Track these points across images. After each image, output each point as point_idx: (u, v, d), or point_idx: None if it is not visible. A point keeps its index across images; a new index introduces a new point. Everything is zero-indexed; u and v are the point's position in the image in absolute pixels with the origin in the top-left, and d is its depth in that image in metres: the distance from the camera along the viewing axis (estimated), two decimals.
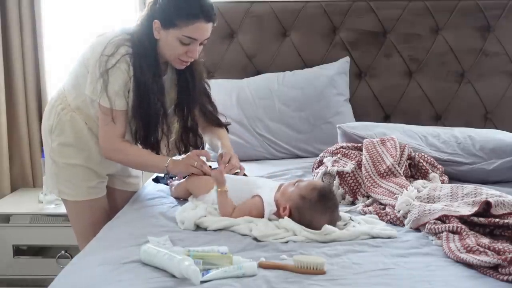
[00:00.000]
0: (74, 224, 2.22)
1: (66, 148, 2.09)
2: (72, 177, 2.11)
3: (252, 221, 1.73)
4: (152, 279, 1.37)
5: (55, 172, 2.12)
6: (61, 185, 2.13)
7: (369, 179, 2.07)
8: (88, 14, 3.12)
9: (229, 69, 3.02)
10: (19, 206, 2.85)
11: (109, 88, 1.94)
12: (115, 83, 1.94)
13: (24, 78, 3.05)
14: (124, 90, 1.97)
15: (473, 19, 3.03)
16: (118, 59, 1.93)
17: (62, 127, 2.08)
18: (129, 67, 1.95)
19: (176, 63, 2.02)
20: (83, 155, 2.09)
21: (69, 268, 1.54)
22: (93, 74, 1.96)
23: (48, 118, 2.12)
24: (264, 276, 1.39)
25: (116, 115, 1.97)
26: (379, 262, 1.49)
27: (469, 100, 3.08)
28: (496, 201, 1.71)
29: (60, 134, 2.09)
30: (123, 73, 1.95)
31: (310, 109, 2.84)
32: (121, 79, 1.95)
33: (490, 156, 2.33)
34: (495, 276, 1.40)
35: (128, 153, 2.03)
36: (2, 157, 3.03)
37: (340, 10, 3.02)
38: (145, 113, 1.99)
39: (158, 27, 1.95)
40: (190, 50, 1.97)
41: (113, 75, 1.94)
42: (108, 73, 1.93)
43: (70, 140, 2.08)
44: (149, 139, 2.03)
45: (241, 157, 2.71)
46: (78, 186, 2.11)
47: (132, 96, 1.97)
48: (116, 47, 1.95)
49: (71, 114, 2.07)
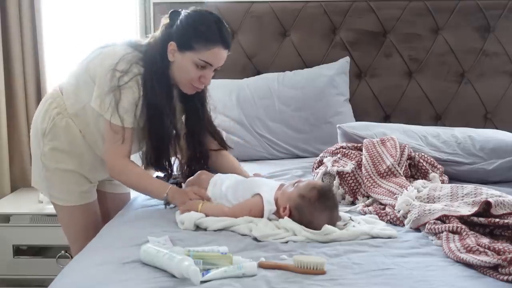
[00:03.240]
0: (66, 229, 2.19)
1: (58, 153, 2.04)
2: (64, 182, 2.07)
3: (252, 221, 1.73)
4: (152, 279, 1.37)
5: (46, 176, 2.08)
6: (52, 189, 2.09)
7: (369, 179, 2.07)
8: (88, 14, 3.12)
9: (229, 69, 3.00)
10: (19, 206, 2.85)
11: (120, 106, 1.89)
12: (125, 101, 1.90)
13: (24, 78, 3.05)
14: (133, 108, 1.92)
15: (473, 19, 3.04)
16: (131, 77, 1.90)
17: (56, 132, 2.03)
18: (139, 87, 1.91)
19: (187, 88, 1.98)
20: (75, 161, 2.05)
21: (69, 268, 1.54)
22: (102, 88, 1.91)
23: (42, 121, 2.06)
24: (264, 276, 1.39)
25: (125, 133, 1.93)
26: (379, 262, 1.49)
27: (469, 100, 3.08)
28: (496, 201, 1.71)
29: (53, 139, 2.04)
30: (133, 93, 1.91)
31: (310, 109, 2.84)
32: (132, 97, 1.91)
33: (490, 156, 2.33)
34: (495, 276, 1.40)
35: (131, 174, 1.97)
36: (2, 157, 3.02)
37: (340, 10, 3.03)
38: (157, 135, 1.96)
39: (174, 49, 1.92)
40: (204, 75, 1.94)
41: (125, 93, 1.90)
42: (120, 90, 1.89)
43: (63, 146, 2.03)
44: (161, 161, 2.01)
45: (241, 157, 2.73)
46: (70, 191, 2.08)
47: (144, 118, 1.93)
48: (129, 64, 1.90)
49: (67, 120, 2.03)
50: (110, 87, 1.89)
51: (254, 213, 1.77)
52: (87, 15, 3.12)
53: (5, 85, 3.02)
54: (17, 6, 2.99)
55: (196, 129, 2.11)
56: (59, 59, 3.13)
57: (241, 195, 1.86)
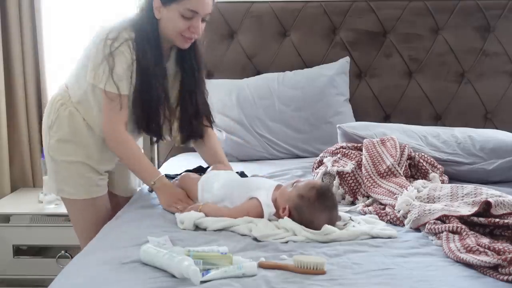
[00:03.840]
0: (75, 224, 2.20)
1: (64, 144, 2.07)
2: (72, 175, 2.08)
3: (252, 221, 1.73)
4: (152, 279, 1.37)
5: (54, 170, 2.10)
6: (60, 183, 2.11)
7: (369, 179, 2.07)
8: (88, 14, 3.12)
9: (229, 69, 3.02)
10: (19, 206, 2.85)
11: (114, 72, 1.93)
12: (119, 67, 1.93)
13: (24, 78, 3.05)
14: (128, 74, 1.95)
15: (473, 19, 3.03)
16: (122, 42, 1.93)
17: (60, 122, 2.07)
18: (131, 51, 1.94)
19: (180, 41, 2.00)
20: (81, 152, 2.07)
21: (69, 268, 1.54)
22: (95, 60, 1.95)
23: (48, 114, 2.11)
24: (264, 276, 1.39)
25: (122, 100, 1.96)
26: (379, 262, 1.49)
27: (469, 100, 3.08)
28: (496, 201, 1.71)
29: (58, 130, 2.07)
30: (126, 57, 1.94)
31: (310, 109, 2.84)
32: (125, 63, 1.94)
33: (490, 156, 2.33)
34: (495, 276, 1.40)
35: (128, 149, 2.01)
36: (2, 157, 3.03)
37: (340, 10, 3.02)
38: (147, 98, 1.98)
39: (159, 6, 1.95)
40: (193, 25, 1.96)
41: (117, 58, 1.93)
42: (113, 55, 1.92)
43: (68, 136, 2.06)
44: (151, 125, 2.03)
45: (241, 157, 2.73)
46: (78, 184, 2.09)
47: (135, 81, 1.96)
48: (119, 31, 1.94)
49: (70, 110, 2.06)
50: (103, 57, 1.92)
51: (251, 216, 1.77)
52: (87, 15, 3.12)
53: (5, 85, 3.02)
54: (17, 6, 2.99)
55: (192, 89, 2.12)
56: (59, 59, 3.13)
57: (237, 197, 1.85)
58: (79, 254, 1.65)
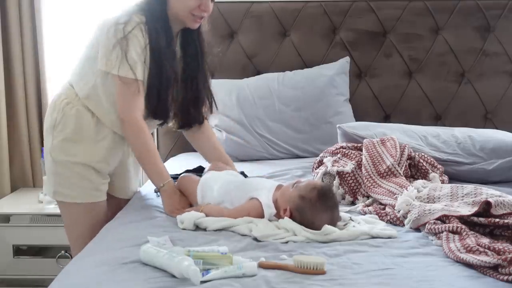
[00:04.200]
0: (70, 229, 2.14)
1: (68, 144, 2.02)
2: (73, 177, 2.03)
3: (252, 221, 1.73)
4: (152, 279, 1.37)
5: (54, 171, 2.05)
6: (59, 185, 2.05)
7: (369, 179, 2.07)
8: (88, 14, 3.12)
9: (229, 69, 3.02)
10: (19, 206, 2.85)
11: (129, 56, 1.89)
12: (133, 51, 1.90)
13: (24, 78, 3.05)
14: (141, 59, 1.93)
15: (473, 19, 3.04)
16: (134, 26, 1.90)
17: (66, 121, 2.01)
18: (144, 35, 1.92)
19: (190, 21, 1.98)
20: (86, 152, 2.02)
21: (69, 268, 1.54)
22: (107, 46, 1.91)
23: (51, 113, 2.05)
24: (264, 276, 1.39)
25: (138, 85, 1.92)
26: (379, 262, 1.49)
27: (469, 100, 3.08)
28: (496, 201, 1.71)
29: (63, 129, 2.01)
30: (139, 41, 1.91)
31: (310, 109, 2.84)
32: (139, 46, 1.91)
33: (490, 156, 2.33)
34: (495, 276, 1.40)
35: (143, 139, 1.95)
36: (2, 157, 3.03)
37: (340, 10, 3.02)
38: (159, 82, 1.95)
39: None
40: (203, 3, 1.94)
41: (131, 42, 1.90)
42: (126, 39, 1.89)
43: (73, 135, 2.01)
44: (161, 108, 2.00)
45: (241, 157, 2.73)
46: (78, 187, 2.04)
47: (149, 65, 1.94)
48: (130, 15, 1.92)
49: (77, 108, 2.01)
50: (116, 41, 1.89)
51: (252, 217, 1.77)
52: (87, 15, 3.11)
53: (5, 85, 3.02)
54: (17, 6, 2.99)
55: (195, 74, 2.10)
56: (59, 59, 3.12)
57: (236, 199, 1.85)
58: (79, 254, 1.65)
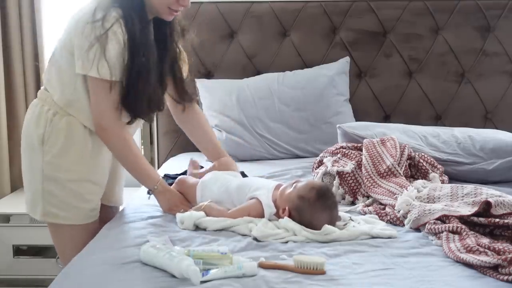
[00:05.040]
0: (61, 251, 2.00)
1: (62, 160, 1.86)
2: (67, 196, 1.88)
3: (252, 221, 1.73)
4: (152, 279, 1.37)
5: (44, 190, 1.88)
6: (51, 205, 1.89)
7: (369, 179, 2.07)
8: None
9: (229, 69, 3.02)
10: (19, 206, 2.84)
11: (108, 56, 1.75)
12: (112, 50, 1.76)
13: (24, 78, 3.05)
14: (120, 59, 1.79)
15: (473, 19, 3.03)
16: (113, 22, 1.75)
17: (57, 135, 1.86)
18: (123, 30, 1.78)
19: (166, 14, 1.85)
20: (82, 167, 1.89)
21: (69, 268, 1.54)
22: (82, 46, 1.76)
23: (36, 127, 1.87)
24: (264, 276, 1.39)
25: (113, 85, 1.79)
26: (379, 262, 1.49)
27: (469, 100, 3.08)
28: (496, 201, 1.71)
29: (53, 144, 1.86)
30: (118, 39, 1.77)
31: (310, 109, 2.84)
32: (118, 45, 1.77)
33: (490, 156, 2.33)
34: (495, 276, 1.40)
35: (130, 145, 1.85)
36: (2, 157, 3.03)
37: (340, 10, 3.02)
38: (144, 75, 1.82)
39: None
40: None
41: (110, 40, 1.75)
42: (105, 36, 1.74)
43: (65, 149, 1.86)
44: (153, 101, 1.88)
45: (241, 157, 2.73)
46: (73, 207, 1.89)
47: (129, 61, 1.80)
48: (106, 10, 1.77)
49: (67, 119, 1.86)
50: (94, 39, 1.74)
51: (252, 216, 1.77)
52: None
53: (5, 85, 3.02)
54: (17, 6, 2.99)
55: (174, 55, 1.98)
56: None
57: (236, 199, 1.85)
58: (79, 254, 1.65)
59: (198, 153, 2.36)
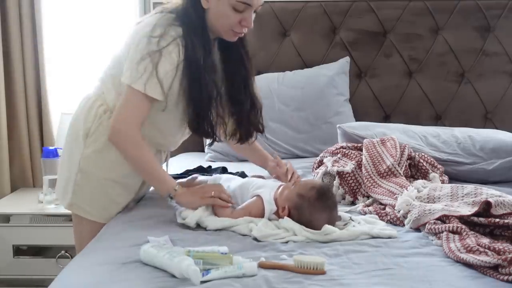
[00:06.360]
0: (78, 242, 2.01)
1: (101, 157, 1.87)
2: (96, 193, 1.90)
3: (252, 221, 1.73)
4: (152, 279, 1.37)
5: (77, 181, 1.89)
6: (78, 198, 1.92)
7: (369, 179, 2.07)
8: (88, 14, 3.12)
9: None
10: (19, 206, 2.85)
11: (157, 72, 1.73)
12: (161, 68, 1.74)
13: (24, 79, 3.05)
14: (168, 79, 1.77)
15: (473, 19, 3.04)
16: (170, 41, 1.74)
17: (102, 132, 1.86)
18: (180, 51, 1.76)
19: (229, 35, 1.83)
20: (120, 168, 1.88)
21: (69, 268, 1.54)
22: (133, 58, 1.75)
23: (85, 120, 1.88)
24: (264, 276, 1.39)
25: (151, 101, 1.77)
26: (379, 262, 1.49)
27: (469, 100, 3.08)
28: (496, 201, 1.71)
29: (97, 139, 1.87)
30: (172, 59, 1.75)
31: (310, 109, 2.84)
32: (169, 65, 1.75)
33: (490, 156, 2.33)
34: (495, 276, 1.40)
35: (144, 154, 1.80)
36: (2, 157, 3.02)
37: (340, 10, 3.03)
38: (198, 96, 1.78)
39: None
40: (245, 18, 1.78)
41: (164, 59, 1.73)
42: (159, 54, 1.72)
43: (108, 149, 1.85)
44: (203, 125, 1.83)
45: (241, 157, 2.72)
46: (99, 205, 1.91)
47: (185, 78, 1.78)
48: (165, 28, 1.75)
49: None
50: (146, 53, 1.73)
51: (254, 214, 1.77)
52: (87, 15, 3.12)
53: (5, 85, 3.02)
54: (17, 6, 2.99)
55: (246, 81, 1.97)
56: (59, 59, 3.13)
57: (239, 198, 1.86)
58: (79, 254, 1.65)
59: (198, 153, 2.36)
